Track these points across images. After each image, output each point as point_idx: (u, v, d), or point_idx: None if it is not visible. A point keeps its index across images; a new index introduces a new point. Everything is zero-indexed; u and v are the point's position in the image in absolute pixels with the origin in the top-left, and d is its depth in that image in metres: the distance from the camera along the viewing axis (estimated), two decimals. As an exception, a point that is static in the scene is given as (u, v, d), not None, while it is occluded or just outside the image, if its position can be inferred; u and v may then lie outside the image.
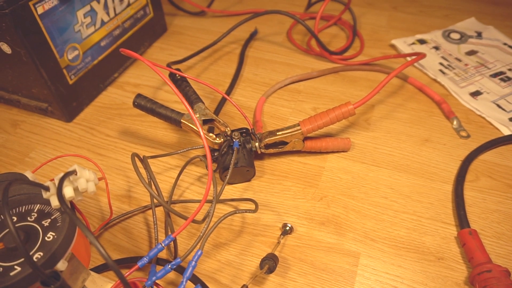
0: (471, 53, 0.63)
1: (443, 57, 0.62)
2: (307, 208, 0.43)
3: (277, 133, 0.44)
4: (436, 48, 0.65)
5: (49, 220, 0.29)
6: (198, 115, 0.45)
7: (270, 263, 0.35)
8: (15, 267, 0.26)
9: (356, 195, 0.44)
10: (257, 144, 0.45)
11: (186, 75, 0.45)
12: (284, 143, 0.45)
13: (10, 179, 0.31)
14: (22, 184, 0.30)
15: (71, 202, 0.31)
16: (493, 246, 0.39)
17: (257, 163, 0.47)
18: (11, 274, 0.26)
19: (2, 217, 0.30)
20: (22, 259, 0.27)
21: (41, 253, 0.27)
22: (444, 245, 0.39)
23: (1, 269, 0.26)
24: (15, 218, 0.29)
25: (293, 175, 0.46)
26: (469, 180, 0.45)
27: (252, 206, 0.43)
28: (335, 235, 0.40)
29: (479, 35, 0.67)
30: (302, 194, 0.44)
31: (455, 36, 0.67)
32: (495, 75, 0.58)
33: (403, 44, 0.66)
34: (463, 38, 0.66)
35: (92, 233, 0.22)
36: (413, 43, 0.66)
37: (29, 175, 0.31)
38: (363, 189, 0.44)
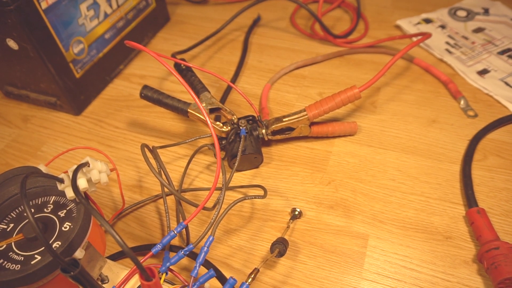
0: (478, 30, 0.62)
1: (449, 36, 0.62)
2: (316, 192, 0.43)
3: (284, 119, 0.45)
4: (442, 26, 0.64)
5: (64, 211, 0.30)
6: (204, 104, 0.45)
7: (280, 247, 0.35)
8: (35, 256, 0.27)
9: (363, 178, 0.44)
10: (264, 131, 0.45)
11: (191, 65, 0.45)
12: (290, 129, 0.46)
13: (25, 172, 0.31)
14: (37, 177, 0.31)
15: (85, 193, 0.32)
16: (501, 224, 0.39)
17: (264, 150, 0.48)
18: (32, 262, 0.27)
19: (20, 209, 0.31)
20: (42, 249, 0.28)
21: (59, 242, 0.28)
22: (452, 224, 0.39)
23: (22, 258, 0.27)
24: (32, 210, 0.30)
25: (300, 160, 0.46)
26: (477, 159, 0.45)
27: (261, 192, 0.43)
28: (343, 218, 0.41)
29: (486, 11, 0.66)
30: (310, 179, 0.44)
31: (462, 13, 0.66)
32: (502, 52, 0.57)
33: (409, 24, 0.65)
34: (470, 15, 0.65)
35: (107, 221, 0.23)
36: (419, 23, 0.65)
37: (42, 168, 0.32)
38: (370, 172, 0.45)
